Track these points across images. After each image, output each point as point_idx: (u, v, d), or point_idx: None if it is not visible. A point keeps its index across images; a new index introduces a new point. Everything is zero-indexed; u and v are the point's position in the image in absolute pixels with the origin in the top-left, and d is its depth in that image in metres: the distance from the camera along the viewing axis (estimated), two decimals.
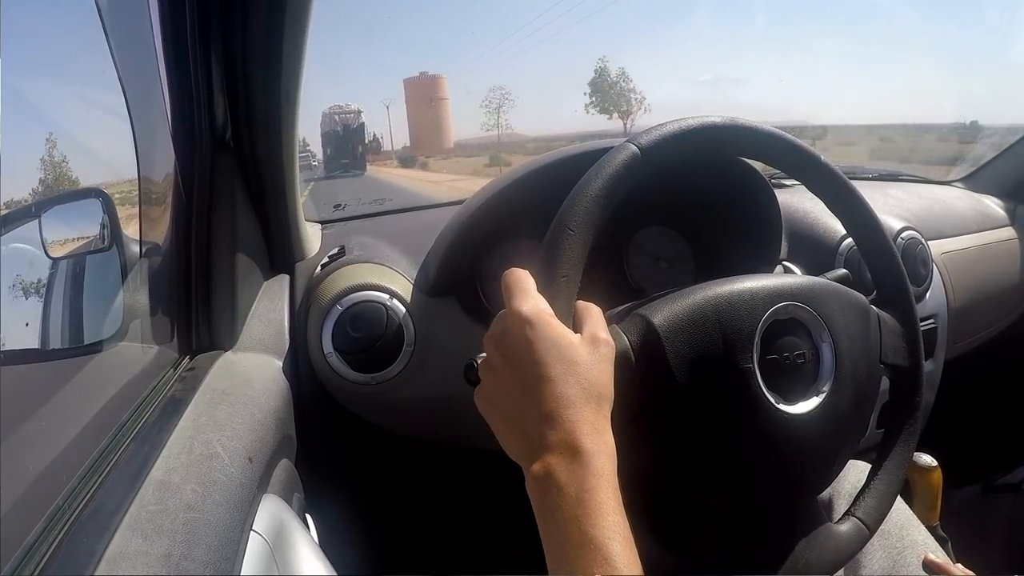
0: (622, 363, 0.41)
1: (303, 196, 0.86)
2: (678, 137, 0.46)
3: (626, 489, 0.36)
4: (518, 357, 0.38)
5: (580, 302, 0.42)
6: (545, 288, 0.40)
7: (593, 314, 0.41)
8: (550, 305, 0.40)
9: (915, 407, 0.53)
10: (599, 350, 0.39)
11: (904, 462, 0.52)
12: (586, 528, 0.33)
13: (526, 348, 0.37)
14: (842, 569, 0.56)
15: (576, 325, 0.41)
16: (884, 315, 0.52)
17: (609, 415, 0.38)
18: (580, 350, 0.38)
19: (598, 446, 0.36)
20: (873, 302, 0.53)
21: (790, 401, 0.45)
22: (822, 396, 0.46)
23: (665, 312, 0.44)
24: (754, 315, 0.45)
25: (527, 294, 0.39)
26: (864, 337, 0.50)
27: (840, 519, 0.50)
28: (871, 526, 0.49)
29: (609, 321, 0.46)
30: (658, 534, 0.45)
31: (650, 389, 0.43)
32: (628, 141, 0.45)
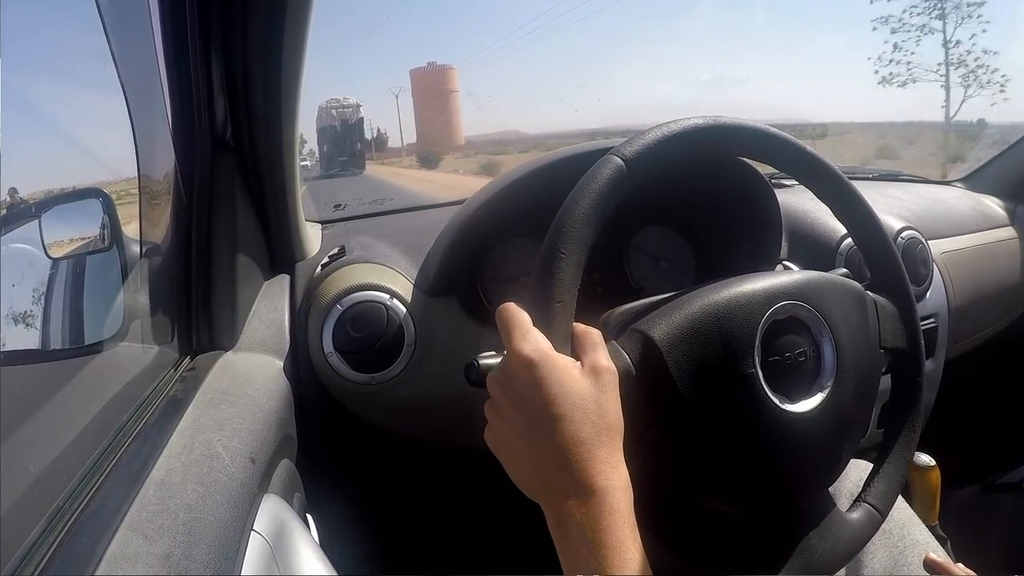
0: (625, 381, 0.41)
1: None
2: (662, 144, 0.45)
3: (638, 503, 0.37)
4: (524, 399, 0.38)
5: (577, 325, 0.42)
6: (541, 316, 0.40)
7: (592, 340, 0.41)
8: (547, 332, 0.39)
9: (918, 388, 0.53)
10: (602, 379, 0.39)
11: (910, 445, 0.52)
12: (604, 568, 0.34)
13: (531, 389, 0.37)
14: (844, 568, 0.56)
15: (575, 351, 0.40)
16: (880, 300, 0.52)
17: (621, 446, 0.38)
18: (584, 384, 0.38)
19: (612, 482, 0.36)
20: (868, 287, 0.53)
21: (794, 400, 0.45)
22: (825, 392, 0.46)
23: (663, 325, 0.44)
24: (753, 319, 0.44)
25: (525, 332, 0.39)
26: (863, 326, 0.50)
27: (851, 507, 0.50)
28: (882, 511, 0.49)
29: (607, 327, 0.46)
30: (671, 544, 0.45)
31: (655, 404, 0.43)
32: (612, 153, 0.44)
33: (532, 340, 0.38)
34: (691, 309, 0.45)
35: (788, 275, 0.49)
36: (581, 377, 0.38)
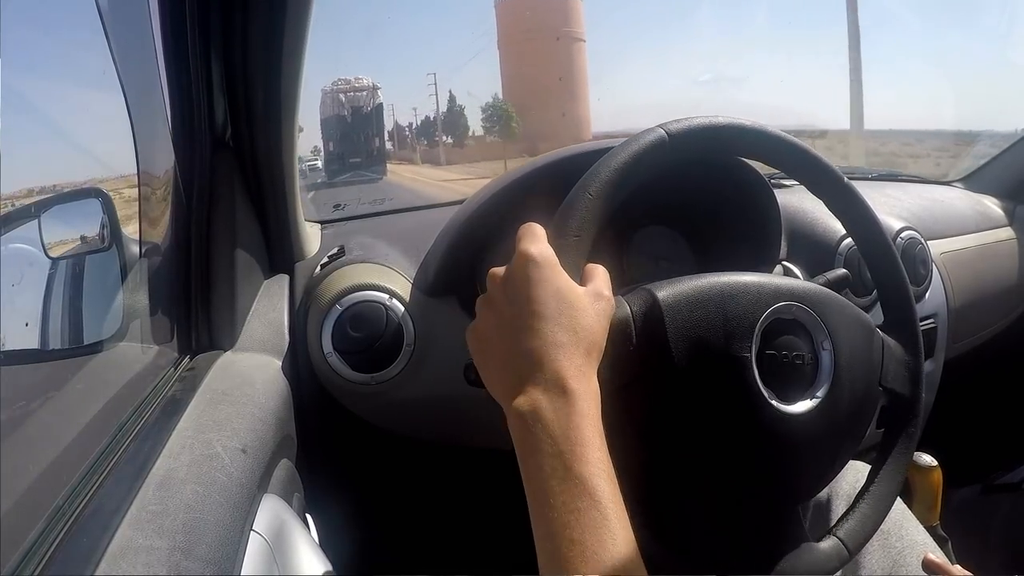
0: (620, 330, 0.42)
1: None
2: (706, 131, 0.48)
3: (631, 494, 0.36)
4: (517, 293, 0.39)
5: (590, 264, 0.43)
6: (557, 244, 0.41)
7: (600, 274, 0.42)
8: (560, 259, 0.40)
9: (910, 437, 0.52)
10: (599, 304, 0.40)
11: (894, 490, 0.51)
12: (571, 464, 0.34)
13: (526, 286, 0.38)
14: (840, 570, 0.56)
15: (583, 283, 0.41)
16: (889, 340, 0.52)
17: (596, 365, 0.39)
18: (580, 298, 0.39)
19: (584, 388, 0.36)
20: (881, 326, 0.52)
21: (784, 399, 0.45)
22: (817, 400, 0.45)
23: (670, 289, 0.45)
24: (758, 307, 0.45)
25: (537, 239, 0.40)
26: (866, 354, 0.49)
27: (823, 536, 0.49)
28: (851, 549, 0.49)
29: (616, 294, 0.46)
30: (647, 523, 0.44)
31: (645, 360, 0.43)
32: (658, 126, 0.47)
33: (543, 246, 0.40)
34: (701, 282, 0.46)
35: (801, 282, 0.50)
36: (580, 293, 0.39)
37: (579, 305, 0.38)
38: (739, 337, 0.44)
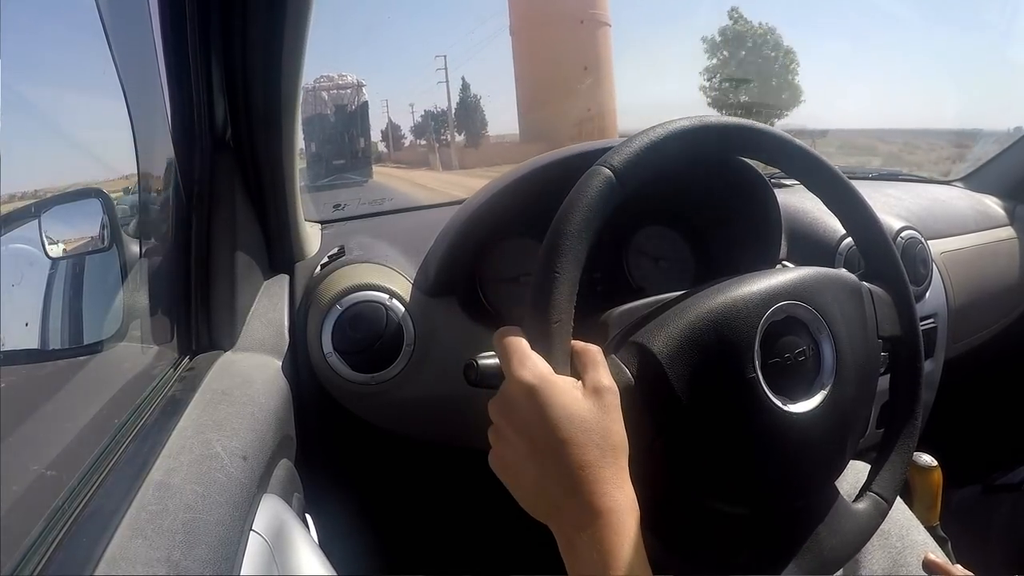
0: (627, 397, 0.41)
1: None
2: (649, 150, 0.44)
3: (646, 512, 0.37)
4: (527, 425, 0.38)
5: (576, 343, 0.41)
6: (539, 337, 0.40)
7: (592, 358, 0.41)
8: (546, 354, 0.39)
9: (918, 373, 0.53)
10: (604, 399, 0.39)
11: (913, 435, 0.52)
12: None
13: (534, 416, 0.37)
14: (841, 569, 0.56)
15: (575, 369, 0.40)
16: (876, 289, 0.52)
17: (626, 465, 0.38)
18: (586, 405, 0.38)
19: (618, 503, 0.36)
20: (862, 276, 0.53)
21: (796, 401, 0.45)
22: (826, 390, 0.46)
23: (662, 337, 0.44)
24: (751, 322, 0.44)
25: (523, 357, 0.39)
26: (860, 319, 0.50)
27: (856, 498, 0.50)
28: (888, 499, 0.50)
29: (608, 327, 0.46)
30: (681, 553, 0.45)
31: (658, 415, 0.43)
32: (600, 164, 0.43)
33: (531, 365, 0.38)
34: (689, 317, 0.44)
35: (783, 274, 0.49)
36: (583, 398, 0.38)
37: (589, 414, 0.37)
38: (741, 359, 0.44)
